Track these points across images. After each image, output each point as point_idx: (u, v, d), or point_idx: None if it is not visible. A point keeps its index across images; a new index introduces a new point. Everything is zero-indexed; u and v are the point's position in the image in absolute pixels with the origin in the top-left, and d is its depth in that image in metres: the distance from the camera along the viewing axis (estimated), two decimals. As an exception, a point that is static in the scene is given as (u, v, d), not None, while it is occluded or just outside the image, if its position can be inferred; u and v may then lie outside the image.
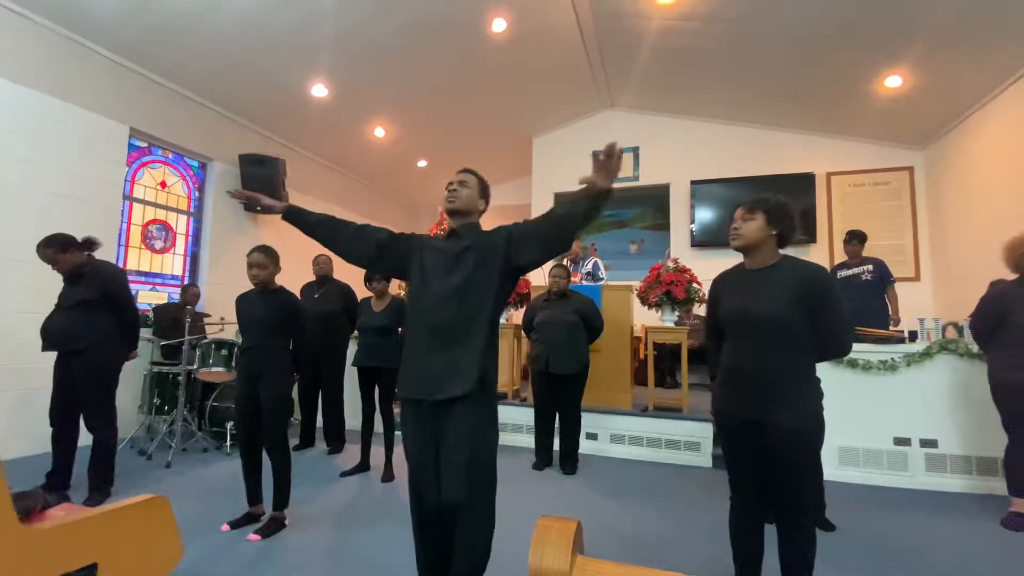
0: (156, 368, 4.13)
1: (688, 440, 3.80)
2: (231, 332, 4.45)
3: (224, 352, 3.91)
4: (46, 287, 2.98)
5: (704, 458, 3.75)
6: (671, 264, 4.09)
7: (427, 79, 5.40)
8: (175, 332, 4.11)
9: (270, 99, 5.32)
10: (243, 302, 2.60)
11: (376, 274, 3.31)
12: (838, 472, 3.41)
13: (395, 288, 3.68)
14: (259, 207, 1.83)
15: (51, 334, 2.80)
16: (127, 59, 4.37)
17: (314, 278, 4.19)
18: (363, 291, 3.61)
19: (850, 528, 2.56)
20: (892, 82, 4.75)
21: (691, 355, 4.21)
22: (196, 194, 5.35)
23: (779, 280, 1.64)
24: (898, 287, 4.31)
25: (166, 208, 5.05)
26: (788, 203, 1.69)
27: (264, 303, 2.53)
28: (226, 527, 2.43)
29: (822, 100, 5.43)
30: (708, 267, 2.11)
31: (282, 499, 2.48)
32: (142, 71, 4.52)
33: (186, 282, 5.12)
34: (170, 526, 1.51)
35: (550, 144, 7.28)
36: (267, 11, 4.05)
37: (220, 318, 4.42)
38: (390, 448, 3.38)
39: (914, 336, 3.69)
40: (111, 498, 2.78)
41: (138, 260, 4.81)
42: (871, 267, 4.24)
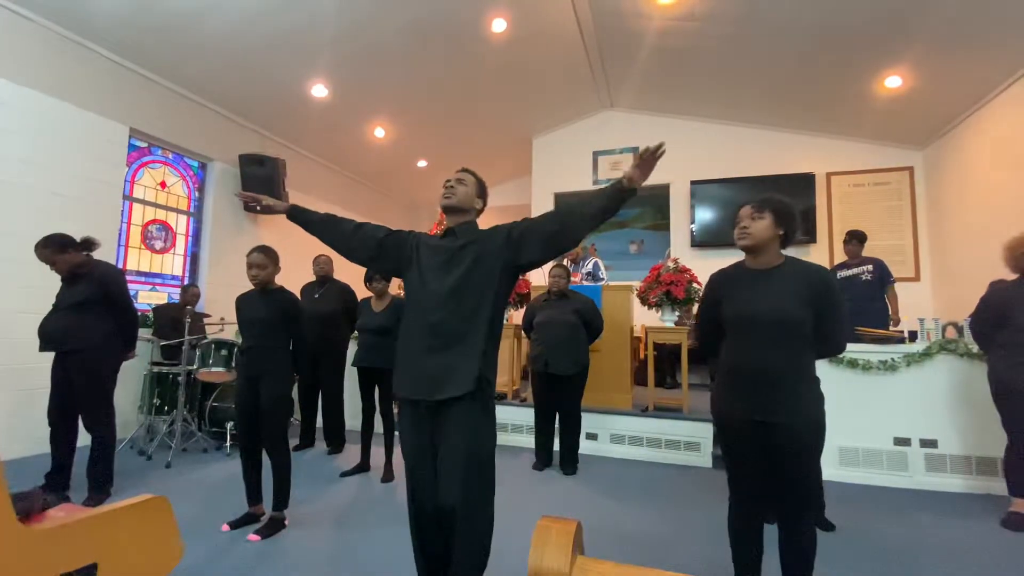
0: (156, 368, 4.13)
1: (688, 440, 3.80)
2: (231, 332, 4.46)
3: (224, 352, 3.91)
4: (45, 287, 2.97)
5: (704, 458, 3.75)
6: (671, 264, 4.09)
7: (427, 79, 5.40)
8: (175, 332, 4.11)
9: (270, 99, 5.32)
10: (243, 302, 2.61)
11: (376, 274, 3.31)
12: (838, 472, 3.40)
13: (395, 288, 3.68)
14: (259, 207, 1.87)
15: (49, 334, 2.80)
16: (127, 59, 4.37)
17: (314, 278, 4.19)
18: (363, 291, 3.61)
19: (850, 528, 2.56)
20: (892, 82, 4.76)
21: (691, 355, 4.21)
22: (196, 194, 5.35)
23: (786, 281, 1.65)
24: (898, 287, 4.31)
25: (166, 208, 5.05)
26: (792, 204, 1.70)
27: (264, 303, 2.53)
28: (226, 527, 2.43)
29: (822, 100, 5.43)
30: (708, 267, 2.11)
31: (282, 499, 2.48)
32: (142, 71, 4.52)
33: (186, 282, 5.13)
34: (170, 526, 1.50)
35: (550, 144, 7.28)
36: (267, 11, 4.05)
37: (220, 318, 4.42)
38: (390, 448, 3.38)
39: (914, 336, 3.69)
40: (111, 498, 2.78)
41: (138, 260, 4.81)
42: (871, 267, 4.24)
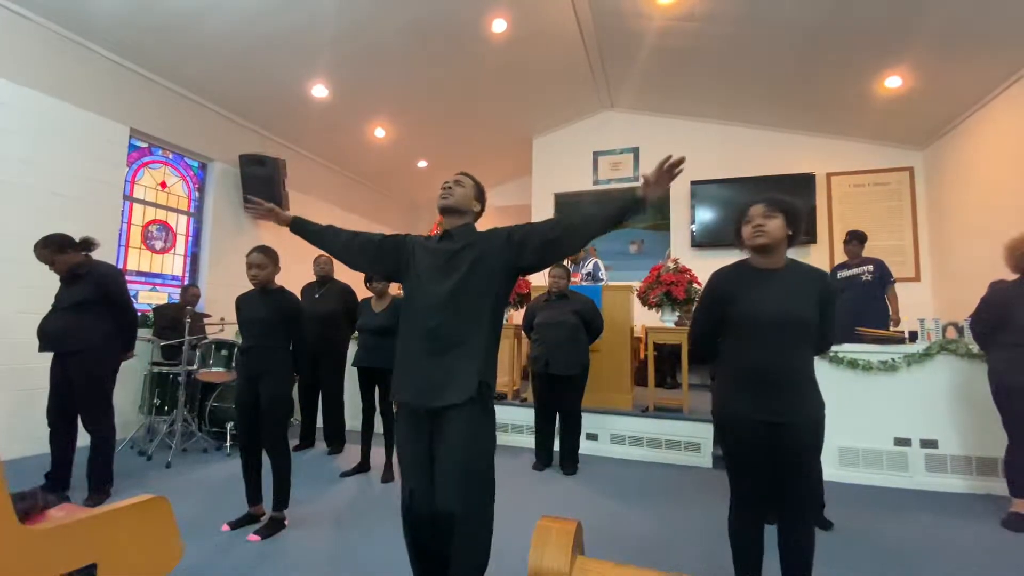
0: (156, 368, 4.13)
1: (688, 440, 3.80)
2: (231, 332, 4.46)
3: (224, 352, 3.91)
4: (45, 287, 2.97)
5: (704, 458, 3.75)
6: (671, 264, 4.09)
7: (427, 79, 5.40)
8: (175, 332, 4.11)
9: (270, 99, 5.32)
10: (243, 302, 2.61)
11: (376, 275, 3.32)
12: (838, 472, 3.40)
13: (395, 288, 3.68)
14: (264, 210, 1.92)
15: (48, 335, 2.79)
16: (127, 59, 4.37)
17: (315, 278, 4.19)
18: (364, 292, 3.61)
19: (850, 529, 2.55)
20: (892, 82, 4.76)
21: (691, 356, 4.21)
22: (196, 194, 5.35)
23: (796, 281, 1.66)
24: (898, 287, 4.31)
25: (166, 208, 5.05)
26: (801, 206, 1.71)
27: (264, 303, 2.53)
28: (226, 527, 2.43)
29: (822, 100, 5.43)
30: (708, 267, 2.10)
31: (282, 499, 2.48)
32: (142, 71, 4.52)
33: (186, 282, 5.13)
34: (170, 526, 1.50)
35: (550, 144, 7.28)
36: (267, 11, 4.06)
37: (220, 318, 4.42)
38: (390, 448, 3.38)
39: (914, 336, 3.69)
40: (111, 498, 2.78)
41: (138, 260, 4.81)
42: (871, 267, 4.24)
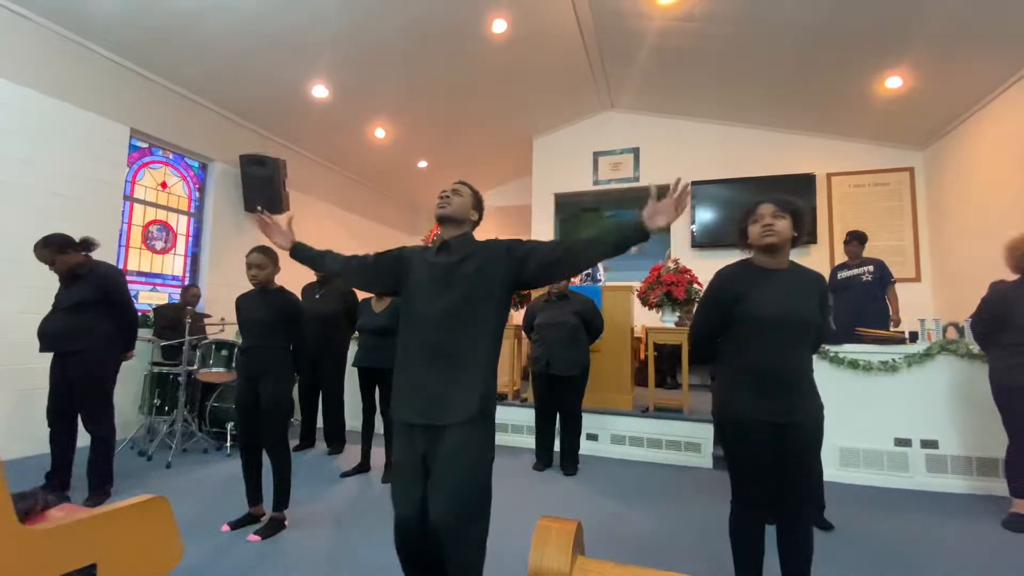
0: (156, 368, 4.13)
1: (689, 441, 3.80)
2: (231, 332, 4.45)
3: (224, 352, 3.91)
4: (45, 287, 2.97)
5: (704, 459, 3.74)
6: (671, 265, 4.09)
7: (427, 80, 5.40)
8: (175, 333, 4.11)
9: (270, 99, 5.32)
10: (243, 302, 2.61)
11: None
12: (839, 473, 3.40)
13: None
14: (265, 217, 2.01)
15: (49, 335, 2.79)
16: (127, 59, 4.37)
17: (315, 279, 4.18)
18: (364, 292, 3.61)
19: (851, 529, 2.55)
20: (892, 83, 4.76)
21: (691, 356, 4.21)
22: (196, 195, 5.35)
23: (800, 282, 1.68)
24: (898, 288, 4.31)
25: (167, 209, 5.05)
26: (805, 208, 1.73)
27: (264, 303, 2.53)
28: (226, 528, 2.43)
29: (822, 101, 5.43)
30: (709, 268, 2.10)
31: (282, 500, 2.48)
32: (142, 71, 4.52)
33: (186, 283, 5.12)
34: (170, 526, 1.50)
35: (550, 145, 7.27)
36: (267, 11, 4.06)
37: (220, 318, 4.42)
38: (390, 449, 3.38)
39: (914, 337, 3.69)
40: (111, 498, 2.78)
41: (139, 261, 4.81)
42: (871, 268, 4.24)
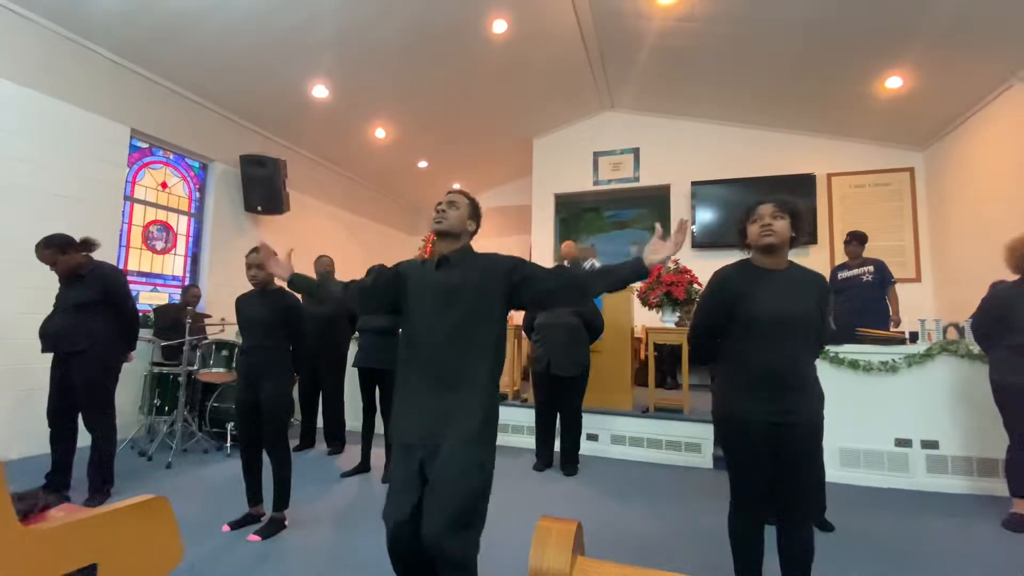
0: (157, 369, 4.14)
1: (689, 441, 3.80)
2: (231, 333, 4.46)
3: (225, 353, 3.91)
4: (46, 288, 2.97)
5: (705, 459, 3.74)
6: (671, 265, 4.09)
7: (427, 80, 5.40)
8: (175, 333, 4.11)
9: (271, 100, 5.32)
10: (243, 303, 2.61)
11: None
12: (839, 473, 3.40)
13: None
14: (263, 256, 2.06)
15: (50, 335, 2.80)
16: (127, 59, 4.37)
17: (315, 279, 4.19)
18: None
19: (851, 529, 2.55)
20: (892, 83, 4.76)
21: (692, 356, 4.21)
22: (197, 195, 5.35)
23: (800, 282, 1.67)
24: (899, 288, 4.31)
25: (167, 209, 5.05)
26: (804, 209, 1.73)
27: (264, 303, 2.53)
28: (226, 528, 2.43)
29: (823, 101, 5.43)
30: (709, 268, 2.10)
31: (282, 500, 2.47)
32: (143, 72, 4.52)
33: (187, 283, 5.13)
34: (170, 527, 1.50)
35: (550, 145, 7.28)
36: (267, 12, 4.06)
37: (221, 319, 4.42)
38: (390, 449, 3.38)
39: (915, 337, 3.69)
40: (111, 499, 2.78)
41: (139, 261, 4.81)
42: (872, 268, 4.24)
